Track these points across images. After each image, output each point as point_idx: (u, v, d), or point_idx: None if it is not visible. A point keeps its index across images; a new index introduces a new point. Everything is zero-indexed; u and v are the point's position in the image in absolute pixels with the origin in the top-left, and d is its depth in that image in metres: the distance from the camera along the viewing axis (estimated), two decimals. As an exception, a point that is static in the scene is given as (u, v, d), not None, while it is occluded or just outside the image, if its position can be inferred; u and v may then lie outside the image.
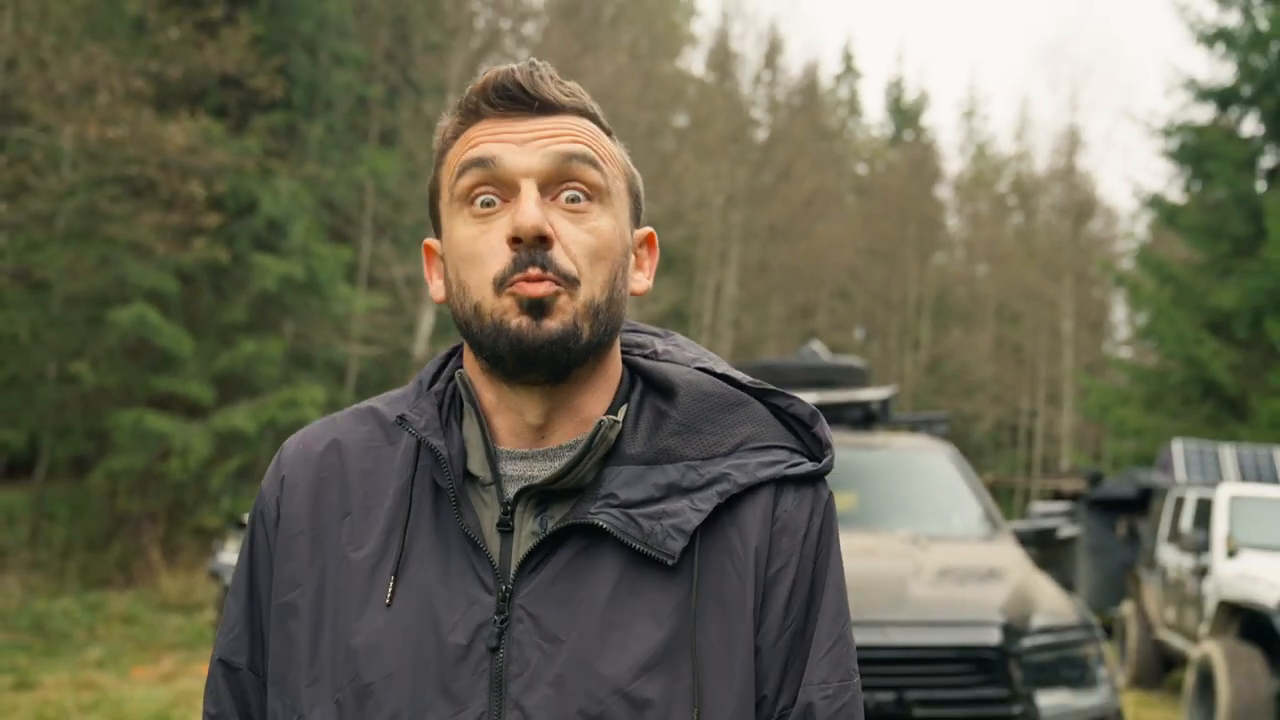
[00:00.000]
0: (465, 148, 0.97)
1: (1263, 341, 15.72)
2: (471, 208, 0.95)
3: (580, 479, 0.95)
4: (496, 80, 0.96)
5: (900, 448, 5.84)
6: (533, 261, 0.91)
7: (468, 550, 0.95)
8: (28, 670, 8.41)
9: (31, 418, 14.31)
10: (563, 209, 0.95)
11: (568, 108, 0.97)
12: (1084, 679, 4.05)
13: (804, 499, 1.00)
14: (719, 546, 0.95)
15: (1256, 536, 7.86)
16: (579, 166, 0.95)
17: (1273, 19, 16.99)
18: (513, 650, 0.91)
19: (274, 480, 1.04)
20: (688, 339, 1.14)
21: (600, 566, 0.93)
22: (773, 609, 0.96)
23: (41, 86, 10.85)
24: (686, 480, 0.96)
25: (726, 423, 1.00)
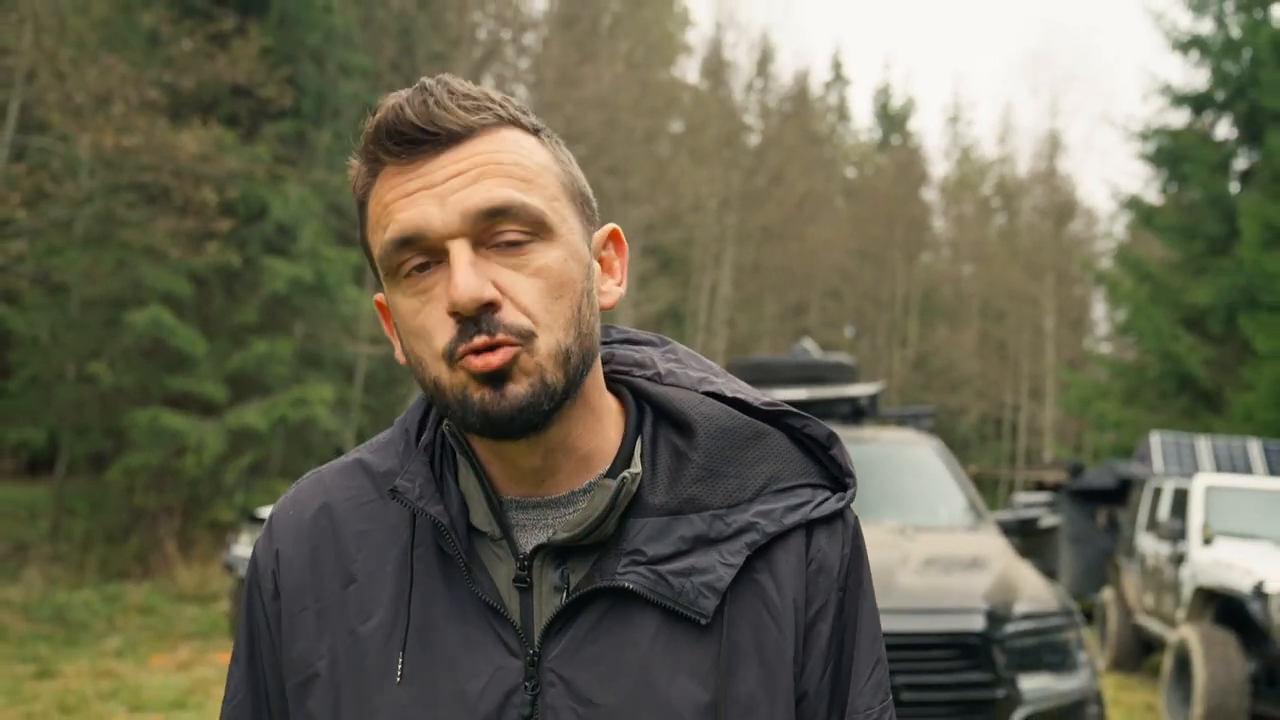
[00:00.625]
0: (381, 211, 0.84)
1: (1236, 337, 15.74)
2: (407, 280, 0.84)
3: (602, 534, 0.87)
4: (388, 122, 0.82)
5: (888, 441, 5.85)
6: (479, 329, 0.81)
7: (486, 615, 0.87)
8: (49, 659, 8.41)
9: (51, 416, 14.29)
10: (501, 257, 0.83)
11: (477, 126, 0.83)
12: (1065, 663, 4.05)
13: (835, 534, 0.93)
14: (753, 595, 0.88)
15: (1231, 525, 7.87)
16: (506, 208, 0.82)
17: (1245, 27, 17.00)
18: (548, 716, 0.84)
19: (268, 552, 0.95)
20: (687, 349, 1.04)
21: (632, 626, 0.86)
22: (815, 650, 0.91)
23: (60, 97, 10.83)
24: (714, 531, 0.88)
25: (747, 462, 0.91)
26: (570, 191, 0.88)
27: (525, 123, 0.87)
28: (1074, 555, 12.42)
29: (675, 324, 27.91)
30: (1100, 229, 35.73)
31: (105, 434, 14.42)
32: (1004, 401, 32.39)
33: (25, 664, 8.21)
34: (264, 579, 0.95)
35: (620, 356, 1.00)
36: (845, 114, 42.20)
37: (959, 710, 3.81)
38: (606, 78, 20.55)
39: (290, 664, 0.92)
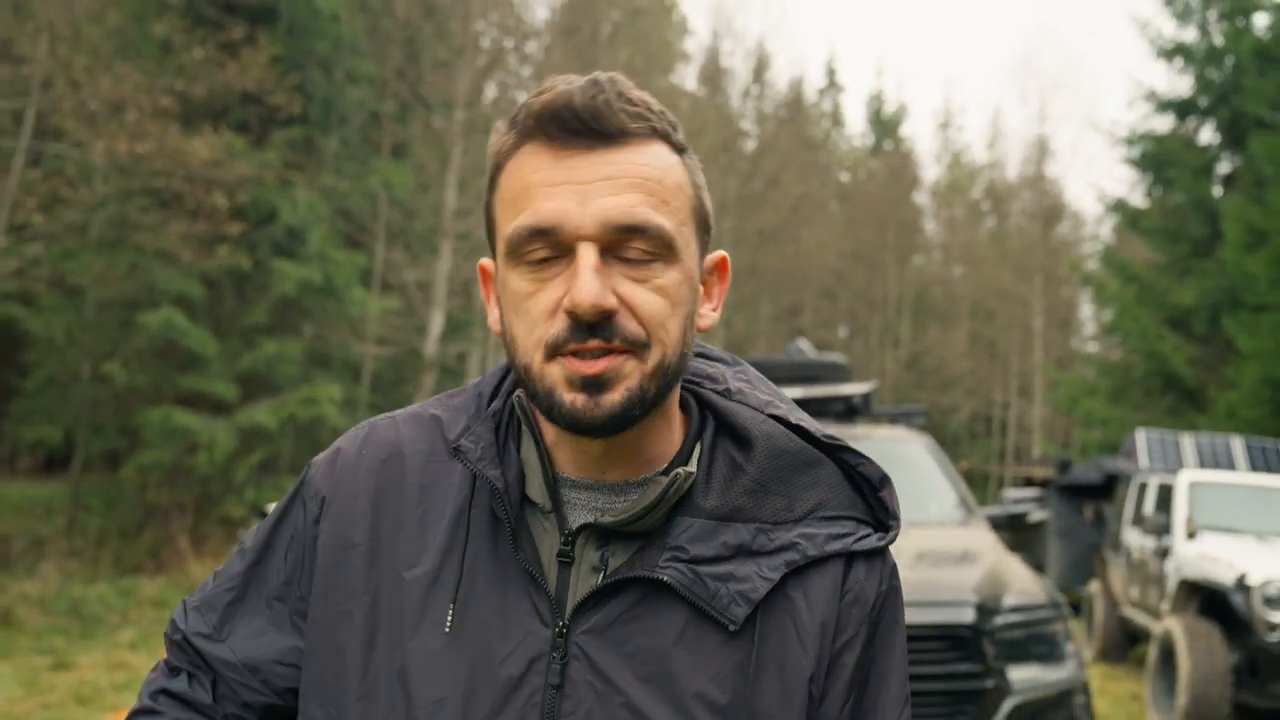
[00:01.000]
0: (520, 189, 0.84)
1: (1220, 337, 15.75)
2: (526, 260, 0.84)
3: (649, 525, 0.88)
4: (555, 106, 0.82)
5: (880, 439, 5.86)
6: (593, 333, 0.81)
7: (525, 581, 0.88)
8: (65, 652, 8.41)
9: (67, 415, 14.30)
10: (626, 269, 0.83)
11: (634, 133, 0.84)
12: (1053, 654, 4.06)
13: (874, 569, 0.92)
14: (784, 612, 0.88)
15: (1214, 519, 7.88)
16: (642, 228, 0.82)
17: (1227, 34, 17.01)
18: (567, 687, 0.85)
19: (328, 479, 0.96)
20: (758, 373, 1.04)
21: (661, 617, 0.86)
22: (840, 679, 0.89)
23: (74, 105, 10.83)
24: (756, 543, 0.87)
25: (799, 485, 0.91)
26: (697, 215, 0.89)
27: (674, 140, 0.88)
28: (1062, 549, 12.42)
29: (674, 324, 27.91)
30: (1087, 232, 35.74)
31: (119, 432, 14.42)
32: (994, 399, 32.39)
33: (42, 656, 8.22)
34: (311, 502, 0.95)
35: (693, 369, 0.99)
36: (839, 120, 42.20)
37: (950, 700, 3.82)
38: (606, 85, 20.50)
39: (324, 593, 0.92)
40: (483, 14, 19.11)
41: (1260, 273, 13.27)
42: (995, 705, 3.82)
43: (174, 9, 14.11)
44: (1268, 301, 13.28)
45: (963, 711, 3.81)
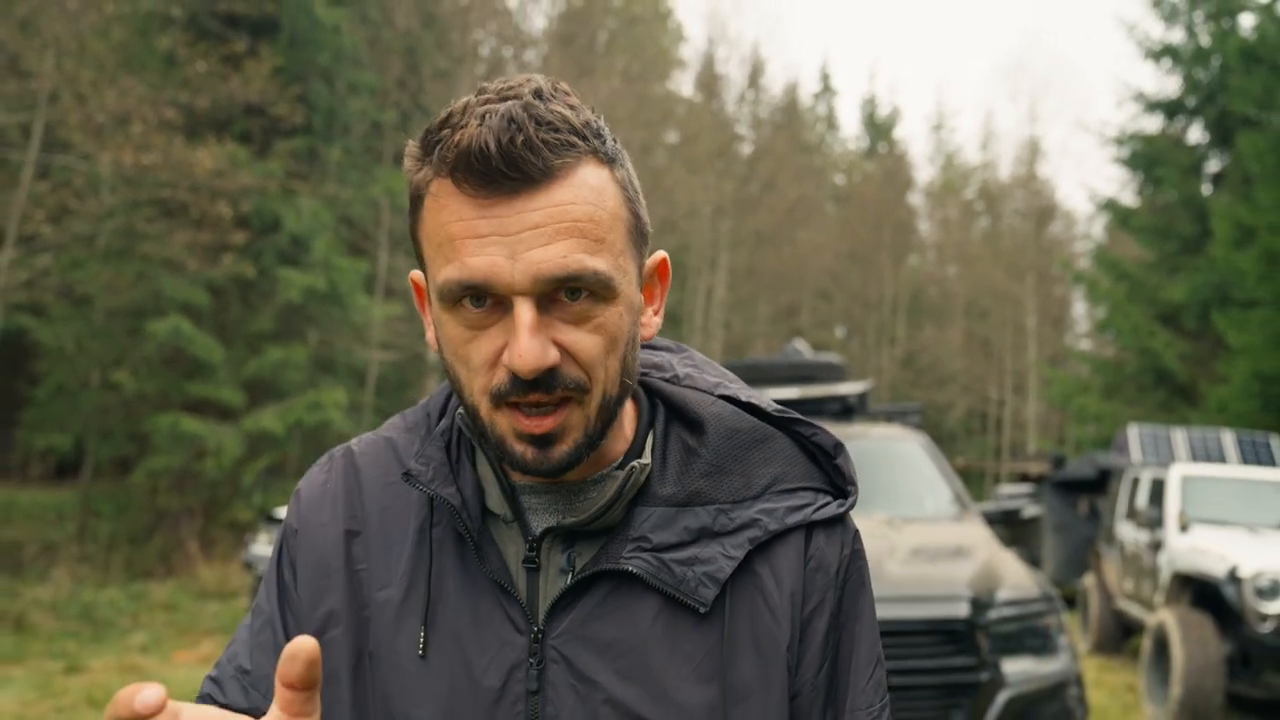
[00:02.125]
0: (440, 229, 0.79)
1: (1210, 333, 15.75)
2: (461, 308, 0.80)
3: (610, 520, 0.87)
4: (470, 152, 0.76)
5: (877, 437, 5.85)
6: (536, 387, 0.79)
7: (495, 592, 0.87)
8: (77, 655, 8.42)
9: (77, 423, 14.31)
10: (564, 314, 0.80)
11: (558, 169, 0.78)
12: (1046, 647, 4.06)
13: (834, 536, 0.92)
14: (752, 588, 0.88)
15: (1206, 512, 7.87)
16: (577, 276, 0.78)
17: (1214, 35, 17.03)
18: (549, 692, 0.84)
19: (295, 515, 0.95)
20: (704, 357, 1.03)
21: (633, 610, 0.86)
22: (812, 645, 0.90)
23: (81, 118, 10.84)
24: (718, 524, 0.87)
25: (754, 462, 0.91)
26: (633, 232, 0.84)
27: (603, 152, 0.82)
28: (1056, 543, 12.42)
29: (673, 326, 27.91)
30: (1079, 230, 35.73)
31: (128, 439, 14.43)
32: (988, 397, 32.38)
33: (55, 660, 8.23)
34: (288, 540, 0.94)
35: (640, 360, 0.97)
36: (833, 123, 42.20)
37: (945, 693, 3.82)
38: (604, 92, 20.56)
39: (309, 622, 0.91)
40: (481, 24, 19.13)
41: (1249, 269, 13.27)
42: (990, 698, 3.81)
43: (177, 23, 14.13)
44: (1256, 297, 13.28)
45: (958, 704, 3.81)
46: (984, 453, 31.99)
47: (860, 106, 43.18)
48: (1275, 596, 6.30)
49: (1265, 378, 12.86)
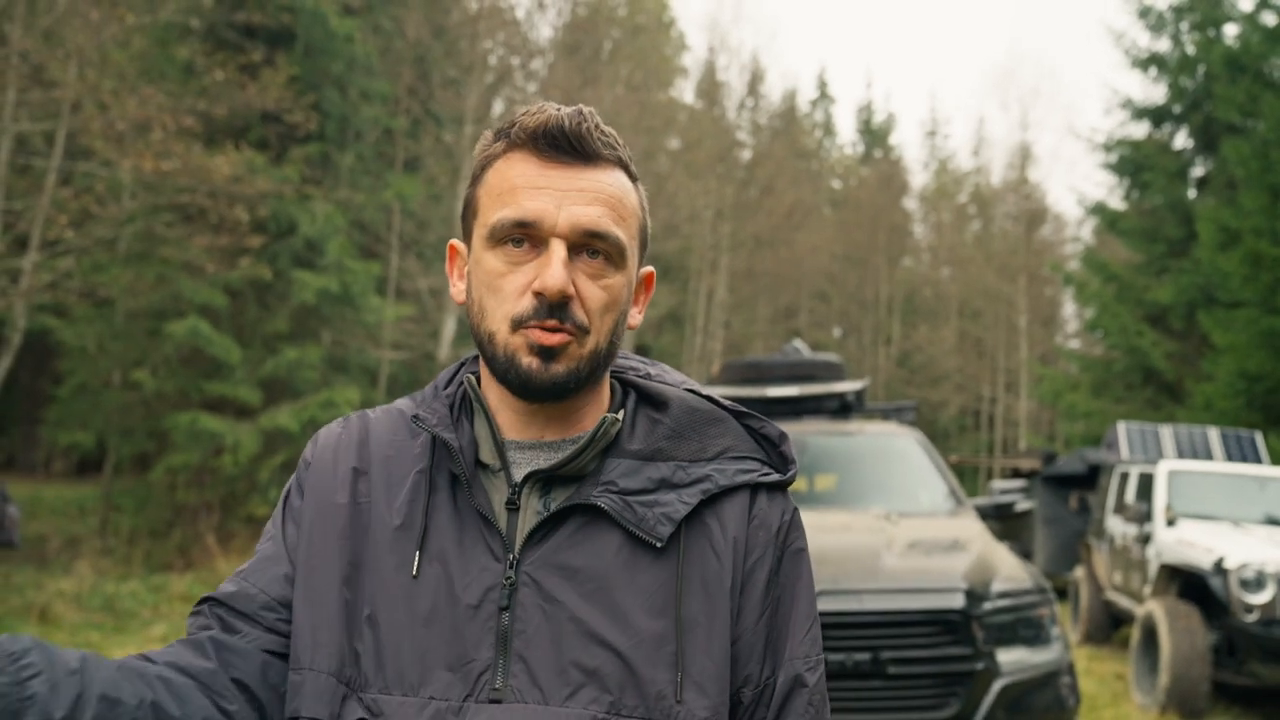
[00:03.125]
0: (507, 188, 0.96)
1: (1196, 332, 15.73)
2: (506, 246, 0.96)
3: (583, 467, 0.98)
4: (548, 125, 0.95)
5: (873, 434, 5.85)
6: (552, 313, 0.93)
7: (480, 525, 0.97)
8: (100, 645, 8.43)
9: (99, 421, 14.32)
10: (585, 266, 0.96)
11: (605, 158, 0.97)
12: (1039, 637, 4.06)
13: (775, 501, 1.03)
14: (702, 534, 0.98)
15: (1193, 507, 7.87)
16: (603, 235, 0.95)
17: (1199, 44, 16.99)
18: (518, 610, 0.93)
19: (311, 452, 1.06)
20: (671, 368, 1.16)
21: (598, 542, 0.95)
22: (752, 594, 0.99)
23: (103, 126, 10.85)
24: (676, 477, 0.99)
25: (710, 434, 1.03)
26: (641, 235, 1.03)
27: (631, 170, 1.02)
28: (1048, 536, 12.41)
29: (675, 327, 27.90)
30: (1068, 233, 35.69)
31: (149, 436, 14.45)
32: (981, 395, 32.35)
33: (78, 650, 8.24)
34: (301, 473, 1.06)
35: (620, 364, 1.13)
36: (830, 130, 42.15)
37: (941, 682, 3.82)
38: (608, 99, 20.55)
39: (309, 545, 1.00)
40: (490, 34, 19.12)
41: (1233, 270, 13.25)
42: (985, 687, 3.82)
43: (196, 33, 14.14)
44: (1241, 298, 13.26)
45: (954, 693, 3.81)
46: (977, 449, 31.95)
47: (856, 113, 43.10)
48: (1260, 588, 6.30)
49: (1250, 376, 12.84)
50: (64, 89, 10.65)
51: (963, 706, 3.78)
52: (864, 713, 3.78)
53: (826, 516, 4.85)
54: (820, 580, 3.89)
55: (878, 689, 3.79)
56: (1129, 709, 6.79)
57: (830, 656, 3.78)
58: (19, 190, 11.29)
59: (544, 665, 0.92)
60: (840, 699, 3.79)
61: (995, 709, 3.79)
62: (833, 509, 5.04)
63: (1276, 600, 6.24)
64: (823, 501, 5.24)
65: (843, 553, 4.19)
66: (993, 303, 31.23)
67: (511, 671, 0.92)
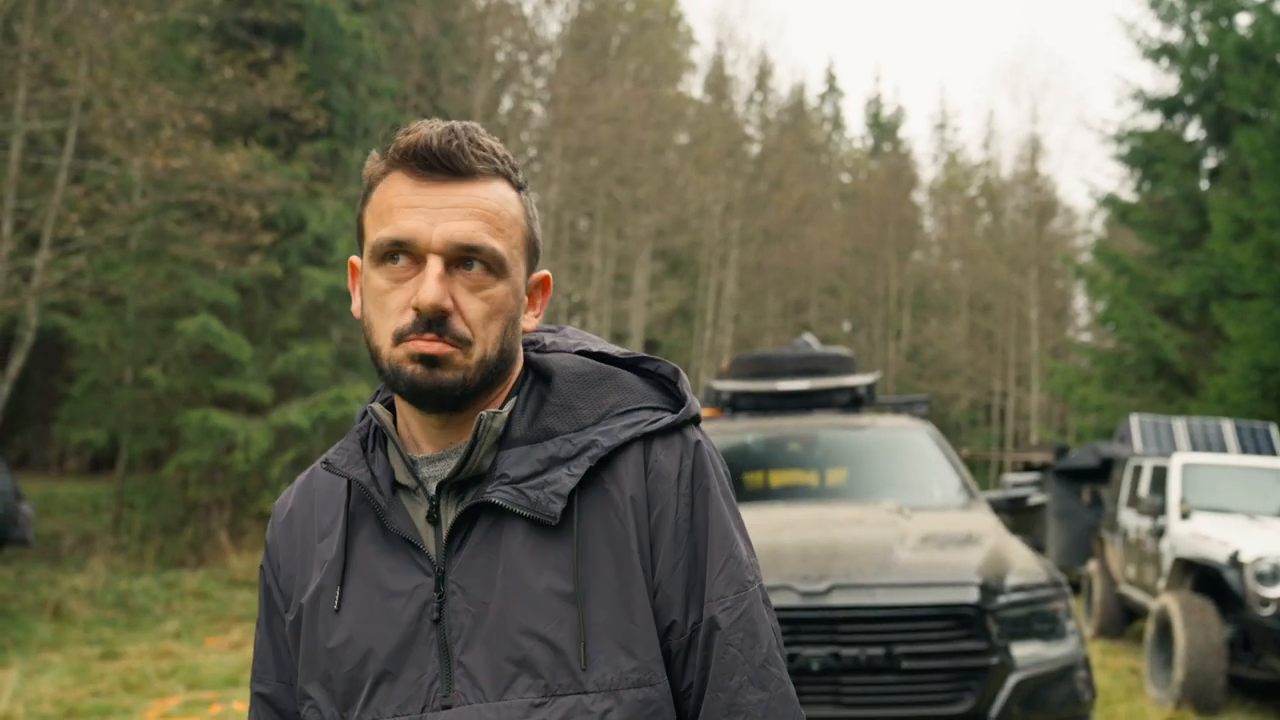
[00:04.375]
0: (386, 208, 0.99)
1: (1209, 324, 15.64)
2: (386, 264, 0.98)
3: (478, 467, 1.00)
4: (418, 145, 0.97)
5: (884, 427, 5.81)
6: (430, 327, 0.96)
7: (405, 546, 1.01)
8: (113, 642, 8.47)
9: (111, 418, 14.38)
10: (464, 279, 0.97)
11: (480, 172, 0.99)
12: (1054, 631, 4.03)
13: (672, 447, 1.02)
14: (600, 501, 0.99)
15: (1207, 500, 7.82)
16: (479, 248, 0.97)
17: (1211, 34, 16.87)
18: (450, 619, 0.98)
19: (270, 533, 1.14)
20: (576, 329, 1.17)
21: (506, 536, 0.98)
22: (663, 545, 1.00)
23: (113, 124, 10.87)
24: (563, 452, 1.00)
25: (595, 395, 1.04)
26: (527, 241, 1.04)
27: (514, 179, 1.03)
28: (1061, 530, 12.36)
29: (685, 322, 27.88)
30: (1080, 226, 35.52)
31: (161, 433, 14.50)
32: (992, 388, 32.23)
33: (92, 646, 8.28)
34: (269, 555, 1.13)
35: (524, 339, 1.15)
36: (839, 124, 42.03)
37: (956, 677, 3.79)
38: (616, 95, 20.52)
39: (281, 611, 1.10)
40: (498, 30, 19.10)
41: (1247, 262, 13.16)
42: (1000, 681, 3.79)
43: (205, 31, 14.15)
44: (1255, 289, 13.18)
45: (968, 688, 3.78)
46: (988, 443, 31.85)
47: (865, 107, 42.97)
48: (1276, 581, 6.25)
49: (1264, 368, 12.76)
50: (74, 87, 10.68)
51: (977, 701, 3.75)
52: (877, 708, 3.76)
53: (838, 510, 4.82)
54: (833, 574, 3.87)
55: (891, 684, 3.76)
56: (1143, 703, 6.75)
57: (844, 651, 3.76)
58: (30, 189, 11.32)
59: (480, 666, 0.96)
60: (853, 693, 3.76)
61: (1010, 703, 3.76)
62: (844, 503, 5.01)
63: (1293, 593, 6.18)
64: (834, 495, 5.21)
65: (855, 547, 4.16)
66: (1003, 296, 31.12)
67: (455, 678, 0.97)
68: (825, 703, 3.75)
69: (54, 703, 6.28)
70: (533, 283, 1.08)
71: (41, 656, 7.80)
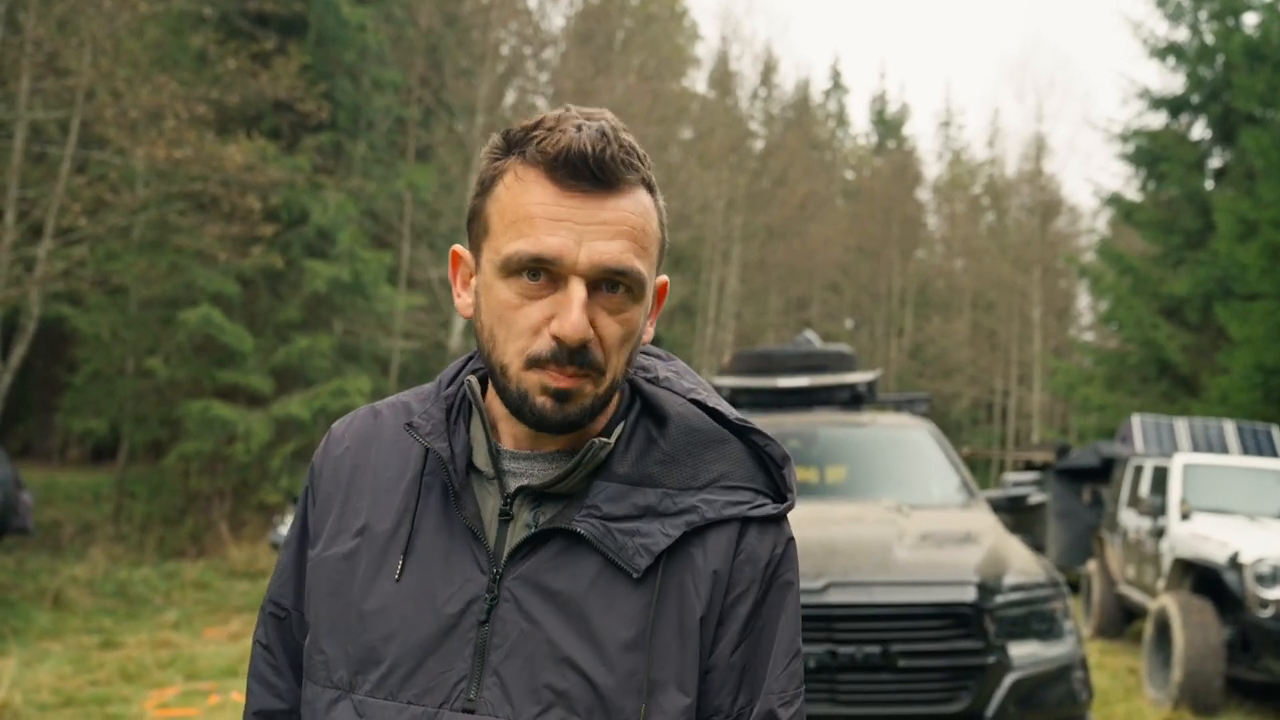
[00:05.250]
0: (521, 209, 0.91)
1: (1212, 325, 15.61)
2: (519, 278, 0.91)
3: (571, 487, 0.97)
4: (569, 151, 0.89)
5: (885, 425, 5.81)
6: (572, 359, 0.90)
7: (468, 537, 0.97)
8: (113, 631, 8.49)
9: (113, 408, 14.41)
10: (604, 301, 0.92)
11: (627, 182, 0.92)
12: (1052, 631, 4.03)
13: (766, 534, 0.99)
14: (683, 566, 0.96)
15: (1207, 500, 7.81)
16: (627, 272, 0.91)
17: (1218, 34, 16.82)
18: (496, 625, 0.94)
19: (320, 456, 1.08)
20: (687, 366, 1.12)
21: (578, 566, 0.95)
22: (731, 628, 0.97)
23: (116, 114, 10.87)
24: (662, 506, 0.96)
25: (705, 458, 0.99)
26: (660, 250, 0.98)
27: (650, 181, 0.96)
28: (1061, 530, 12.36)
29: (687, 317, 27.87)
30: (1084, 225, 35.47)
31: (162, 424, 14.53)
32: (994, 387, 32.22)
33: (91, 635, 8.30)
34: (312, 477, 1.08)
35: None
36: (844, 120, 41.97)
37: (953, 675, 3.79)
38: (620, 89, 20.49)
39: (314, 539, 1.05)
40: (502, 23, 19.08)
41: (1251, 262, 13.13)
42: (997, 681, 3.79)
43: (209, 22, 14.14)
44: (1259, 290, 13.15)
45: (965, 687, 3.78)
46: (989, 442, 31.85)
47: (870, 104, 42.94)
48: (1275, 583, 6.24)
49: (1267, 369, 12.74)
50: (78, 77, 10.67)
51: (974, 700, 3.76)
52: (874, 705, 3.76)
53: (837, 508, 4.81)
54: (831, 572, 3.86)
55: (887, 682, 3.76)
56: (1141, 704, 6.75)
57: (840, 649, 3.76)
58: (33, 178, 11.33)
59: (517, 682, 0.93)
60: (850, 691, 3.76)
61: (1007, 703, 3.76)
62: (843, 500, 5.01)
63: (1292, 595, 6.18)
64: (833, 493, 5.21)
65: (853, 545, 4.16)
66: (1006, 295, 31.10)
67: (485, 684, 0.93)
68: (822, 700, 3.76)
69: (52, 691, 6.29)
70: (653, 291, 1.01)
71: (40, 645, 7.82)
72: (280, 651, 1.08)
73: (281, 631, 1.08)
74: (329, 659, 0.99)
